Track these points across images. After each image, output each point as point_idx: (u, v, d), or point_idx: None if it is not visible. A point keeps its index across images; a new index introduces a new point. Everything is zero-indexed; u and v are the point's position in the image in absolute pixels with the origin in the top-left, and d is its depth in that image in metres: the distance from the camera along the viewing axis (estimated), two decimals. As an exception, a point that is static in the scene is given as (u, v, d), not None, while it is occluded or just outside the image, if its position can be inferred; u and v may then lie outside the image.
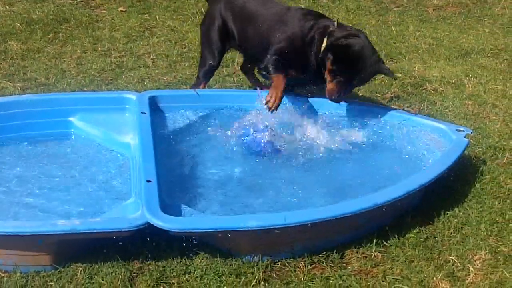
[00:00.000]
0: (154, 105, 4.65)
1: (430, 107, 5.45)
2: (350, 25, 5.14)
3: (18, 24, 6.65)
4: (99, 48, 6.25)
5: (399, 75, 5.94)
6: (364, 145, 4.60)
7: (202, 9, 7.30)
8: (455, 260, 3.75)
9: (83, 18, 6.94)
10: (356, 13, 7.55)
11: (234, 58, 6.20)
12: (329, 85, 4.52)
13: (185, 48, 6.37)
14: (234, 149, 4.48)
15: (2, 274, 3.47)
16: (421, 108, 5.41)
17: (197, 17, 7.17)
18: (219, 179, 4.18)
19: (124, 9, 7.22)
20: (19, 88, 5.43)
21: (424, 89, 5.78)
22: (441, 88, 5.79)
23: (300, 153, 4.47)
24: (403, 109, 5.19)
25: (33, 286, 3.42)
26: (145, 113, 4.44)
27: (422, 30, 7.16)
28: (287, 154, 4.46)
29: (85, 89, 5.45)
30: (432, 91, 5.73)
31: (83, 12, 7.07)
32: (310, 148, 4.52)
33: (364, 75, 4.53)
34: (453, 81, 5.92)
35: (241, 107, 4.78)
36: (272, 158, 4.43)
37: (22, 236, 3.38)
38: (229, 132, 4.56)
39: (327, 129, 4.64)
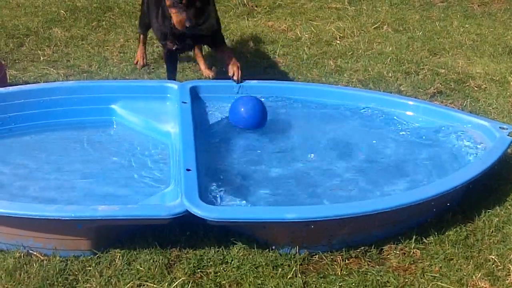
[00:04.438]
0: (195, 95, 4.66)
1: (473, 103, 5.36)
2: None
3: (63, 12, 6.74)
4: (142, 37, 6.28)
5: (442, 70, 5.87)
6: (407, 140, 4.56)
7: (244, 0, 7.31)
8: (495, 259, 3.69)
9: (127, 7, 6.99)
10: (400, 7, 7.48)
11: (276, 50, 6.19)
12: (175, 17, 4.48)
13: (226, 39, 6.35)
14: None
15: (42, 258, 3.51)
16: (464, 104, 5.34)
17: (239, 8, 7.18)
18: (258, 169, 4.17)
19: (167, -1, 7.25)
20: (62, 75, 5.49)
21: (467, 85, 5.69)
22: (484, 85, 5.70)
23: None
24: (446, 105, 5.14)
25: (72, 270, 3.45)
26: (186, 102, 4.47)
27: (467, 26, 7.05)
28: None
29: (127, 77, 5.50)
30: (476, 88, 5.65)
31: (126, 1, 7.13)
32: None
33: None
34: (497, 79, 5.82)
35: (283, 98, 4.77)
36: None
37: (62, 220, 3.42)
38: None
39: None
